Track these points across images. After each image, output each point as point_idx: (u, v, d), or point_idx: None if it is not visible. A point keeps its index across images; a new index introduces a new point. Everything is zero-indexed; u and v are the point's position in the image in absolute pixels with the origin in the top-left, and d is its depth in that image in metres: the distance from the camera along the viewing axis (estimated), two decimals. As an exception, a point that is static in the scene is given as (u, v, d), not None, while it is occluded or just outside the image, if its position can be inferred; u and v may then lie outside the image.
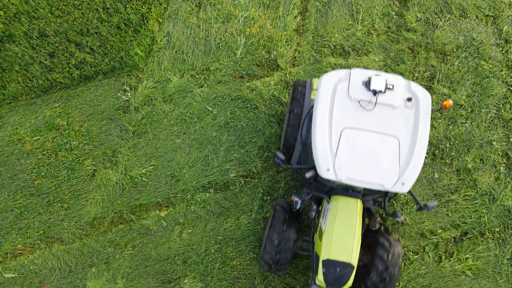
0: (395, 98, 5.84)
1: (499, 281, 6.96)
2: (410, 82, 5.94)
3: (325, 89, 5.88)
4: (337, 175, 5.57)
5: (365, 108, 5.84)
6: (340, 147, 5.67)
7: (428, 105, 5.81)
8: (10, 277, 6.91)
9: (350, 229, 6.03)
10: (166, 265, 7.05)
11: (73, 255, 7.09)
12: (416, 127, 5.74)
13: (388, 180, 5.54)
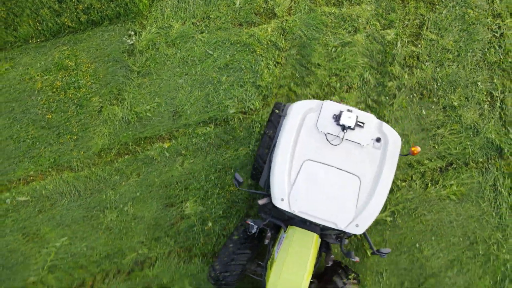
0: (363, 137, 6.11)
1: (482, 205, 8.13)
2: (382, 123, 6.28)
3: (293, 117, 6.21)
4: (290, 206, 5.84)
5: (331, 142, 6.07)
6: (299, 178, 5.91)
7: (397, 148, 6.13)
8: (23, 200, 8.07)
9: (301, 262, 6.19)
10: (169, 190, 8.20)
11: (82, 182, 8.24)
12: (380, 169, 5.96)
13: (343, 219, 5.81)
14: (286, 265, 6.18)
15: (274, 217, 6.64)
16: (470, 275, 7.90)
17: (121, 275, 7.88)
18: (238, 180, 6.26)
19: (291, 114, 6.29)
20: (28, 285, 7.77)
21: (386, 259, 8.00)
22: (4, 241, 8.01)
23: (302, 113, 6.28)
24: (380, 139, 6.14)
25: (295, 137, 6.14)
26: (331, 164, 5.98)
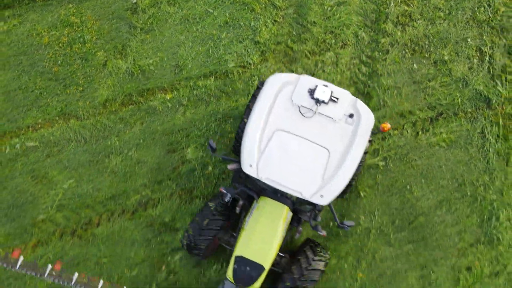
0: (337, 112, 6.41)
1: (470, 151, 8.83)
2: (357, 99, 6.60)
3: (269, 88, 6.57)
4: (258, 173, 6.13)
5: (304, 115, 6.38)
6: (269, 146, 6.21)
7: (369, 125, 6.43)
8: (32, 145, 8.75)
9: (270, 232, 6.58)
10: (171, 137, 8.90)
11: (88, 129, 8.94)
12: (350, 145, 6.23)
13: (308, 189, 6.06)
14: (254, 234, 6.57)
15: (247, 187, 6.96)
16: (458, 214, 8.57)
17: (126, 215, 8.53)
18: (211, 146, 6.53)
19: (268, 85, 6.60)
20: (37, 223, 8.42)
21: (379, 199, 8.67)
22: (14, 182, 8.66)
23: (278, 85, 6.56)
24: (353, 115, 6.39)
25: (269, 107, 6.42)
26: (302, 136, 6.22)
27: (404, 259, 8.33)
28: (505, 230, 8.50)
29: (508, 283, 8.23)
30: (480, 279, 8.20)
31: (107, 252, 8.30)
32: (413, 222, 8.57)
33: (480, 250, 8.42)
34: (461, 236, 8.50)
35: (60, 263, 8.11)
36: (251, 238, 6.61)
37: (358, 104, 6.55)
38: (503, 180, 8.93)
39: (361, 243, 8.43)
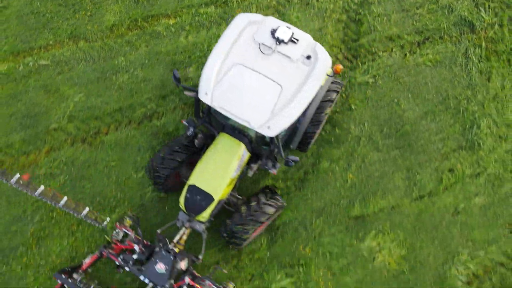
0: (295, 52, 6.62)
1: (454, 69, 9.57)
2: (317, 43, 6.81)
3: (235, 25, 6.85)
4: (212, 100, 6.41)
5: (264, 52, 6.61)
6: (226, 77, 6.48)
7: (325, 69, 6.65)
8: (44, 64, 9.48)
9: (223, 166, 6.99)
10: (174, 58, 9.64)
11: (96, 51, 9.65)
12: (303, 84, 6.44)
13: (256, 120, 6.31)
14: (208, 166, 7.01)
15: (209, 123, 7.44)
16: (442, 124, 9.27)
17: (132, 125, 9.23)
18: (175, 76, 6.75)
19: (234, 22, 6.87)
20: (50, 131, 9.11)
21: (368, 111, 9.37)
22: (28, 96, 9.35)
23: (244, 23, 6.82)
24: (311, 57, 6.60)
25: (232, 42, 6.67)
26: (259, 71, 6.47)
27: (391, 163, 9.02)
28: (485, 137, 9.19)
29: (488, 183, 8.93)
30: (462, 179, 8.90)
31: (115, 157, 8.99)
32: (400, 130, 9.27)
33: (462, 154, 9.12)
34: (445, 143, 9.20)
35: (28, 175, 8.72)
36: (204, 169, 7.01)
37: (317, 48, 6.74)
38: (485, 94, 9.63)
39: (352, 149, 9.12)
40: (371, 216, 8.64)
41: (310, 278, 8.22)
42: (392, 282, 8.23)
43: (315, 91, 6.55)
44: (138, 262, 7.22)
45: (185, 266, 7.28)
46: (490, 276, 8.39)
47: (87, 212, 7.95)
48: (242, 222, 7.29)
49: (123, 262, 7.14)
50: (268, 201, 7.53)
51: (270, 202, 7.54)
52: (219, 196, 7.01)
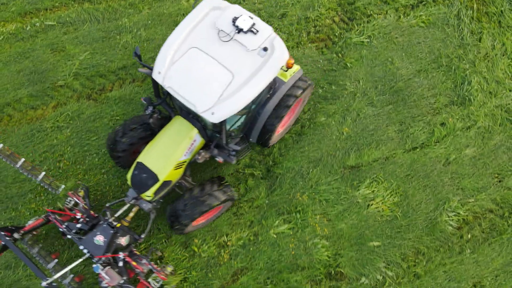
0: (252, 42, 6.53)
1: (447, 30, 9.91)
2: (277, 37, 6.68)
3: (199, 9, 6.82)
4: (164, 80, 6.41)
5: (221, 38, 6.55)
6: (181, 60, 6.44)
7: (280, 63, 6.54)
8: (50, 24, 9.83)
9: (172, 147, 7.03)
10: (176, 19, 10.14)
11: (100, 12, 10.02)
12: (255, 75, 6.37)
13: (202, 104, 6.26)
14: (158, 145, 7.08)
15: (166, 104, 7.50)
16: (434, 80, 9.63)
17: (136, 82, 9.58)
18: (136, 53, 6.75)
19: (199, 6, 6.85)
20: (56, 87, 9.47)
21: (363, 69, 9.72)
22: (35, 53, 9.71)
23: (209, 8, 6.79)
24: (267, 49, 6.50)
25: (193, 26, 6.67)
26: (213, 56, 6.43)
27: (385, 117, 9.39)
28: (476, 93, 9.56)
29: (478, 135, 9.30)
30: (453, 132, 9.27)
31: (120, 111, 9.34)
32: (394, 87, 9.63)
33: (453, 109, 9.49)
34: (437, 98, 9.57)
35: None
36: (154, 148, 7.09)
37: (275, 41, 6.63)
38: (476, 54, 9.99)
39: (347, 104, 9.49)
40: (366, 166, 9.00)
41: (307, 223, 8.58)
42: (385, 227, 8.60)
43: (265, 83, 6.44)
44: (82, 232, 7.39)
45: (126, 242, 7.38)
46: (479, 222, 8.76)
47: (42, 177, 7.69)
48: (182, 208, 7.35)
49: (66, 229, 7.31)
50: (214, 191, 7.52)
51: (216, 193, 7.51)
52: (164, 177, 7.03)
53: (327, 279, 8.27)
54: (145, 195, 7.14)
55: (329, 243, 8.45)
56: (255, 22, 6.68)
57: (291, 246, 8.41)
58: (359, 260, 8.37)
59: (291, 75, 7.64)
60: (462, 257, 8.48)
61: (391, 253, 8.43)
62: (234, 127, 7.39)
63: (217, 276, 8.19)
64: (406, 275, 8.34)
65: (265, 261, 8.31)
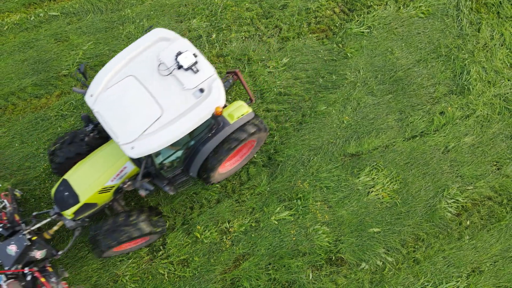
0: (190, 81, 6.29)
1: (446, 21, 9.97)
2: (217, 80, 6.38)
3: (147, 37, 6.63)
4: (94, 104, 6.24)
5: (160, 71, 6.35)
6: (115, 86, 6.30)
7: (212, 107, 6.25)
8: (54, 14, 9.86)
9: (100, 171, 6.85)
10: (178, 10, 10.05)
11: (104, 3, 10.12)
12: (185, 115, 6.13)
13: (124, 136, 6.04)
14: (86, 166, 6.96)
15: None
16: (434, 70, 9.69)
17: (139, 72, 9.61)
18: (80, 70, 6.60)
19: (149, 34, 6.66)
20: (60, 77, 9.54)
21: (363, 59, 9.78)
22: (39, 43, 9.76)
23: (156, 37, 6.59)
24: (203, 90, 6.27)
25: (136, 53, 6.49)
26: (148, 89, 6.25)
27: (385, 106, 9.45)
28: (475, 82, 9.62)
29: (477, 124, 9.36)
30: (452, 120, 9.34)
31: (123, 100, 9.39)
32: (393, 76, 9.69)
33: (452, 98, 9.55)
34: (436, 88, 9.63)
35: None
36: (82, 168, 6.95)
37: (215, 84, 6.35)
38: (475, 44, 10.04)
39: (348, 93, 9.55)
40: (366, 154, 9.06)
41: (308, 210, 8.65)
42: (385, 214, 8.66)
43: (193, 125, 6.19)
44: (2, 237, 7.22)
45: (41, 256, 7.07)
46: (478, 208, 8.83)
47: None
48: (102, 233, 7.12)
49: None
50: (140, 222, 7.27)
51: (141, 224, 7.25)
52: (85, 200, 6.87)
53: (327, 265, 8.34)
54: (65, 213, 6.96)
55: (329, 229, 8.51)
56: (198, 60, 6.41)
57: (292, 232, 8.48)
58: (359, 246, 8.44)
59: (239, 117, 7.19)
60: (461, 243, 8.55)
61: (391, 239, 8.49)
62: (168, 160, 7.03)
63: (219, 262, 8.26)
64: (406, 261, 8.40)
65: (267, 247, 8.38)
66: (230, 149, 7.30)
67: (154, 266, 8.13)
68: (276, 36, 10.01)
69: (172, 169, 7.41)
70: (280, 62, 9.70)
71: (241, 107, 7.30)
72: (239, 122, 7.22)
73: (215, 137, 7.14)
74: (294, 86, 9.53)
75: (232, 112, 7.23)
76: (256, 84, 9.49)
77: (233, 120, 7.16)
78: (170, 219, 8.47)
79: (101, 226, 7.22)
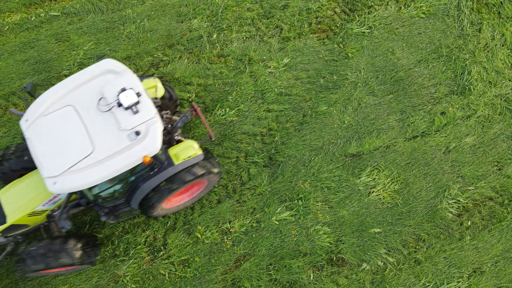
0: (128, 122, 5.97)
1: (447, 21, 9.93)
2: (157, 123, 6.04)
3: (97, 67, 6.35)
4: (27, 129, 5.98)
5: (99, 106, 6.08)
6: (52, 114, 6.03)
7: (143, 153, 5.94)
8: (54, 14, 9.84)
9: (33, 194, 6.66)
10: (179, 10, 9.99)
11: (104, 3, 10.09)
12: (115, 156, 5.86)
13: (49, 169, 5.76)
14: (21, 186, 6.74)
15: None
16: (435, 70, 9.64)
17: (139, 72, 9.62)
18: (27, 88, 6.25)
19: (97, 64, 6.42)
20: (61, 77, 9.49)
21: (364, 59, 9.73)
22: (40, 43, 9.72)
23: (104, 69, 6.35)
24: (139, 134, 5.95)
25: (81, 82, 6.26)
26: (84, 123, 5.99)
27: (385, 106, 9.40)
28: (476, 82, 9.57)
29: (478, 124, 9.31)
30: (453, 121, 9.29)
31: (124, 100, 9.34)
32: (394, 76, 9.64)
33: (453, 98, 9.50)
34: (437, 88, 9.58)
35: None
36: (16, 187, 6.72)
37: (153, 128, 6.00)
38: (476, 44, 9.99)
39: (348, 93, 9.50)
40: (367, 154, 9.01)
41: (309, 210, 8.60)
42: (386, 214, 8.61)
43: (120, 169, 5.87)
44: None
45: None
46: (479, 209, 8.78)
47: None
48: (32, 254, 6.77)
49: None
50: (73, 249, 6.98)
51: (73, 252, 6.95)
52: (12, 221, 6.65)
53: (328, 265, 8.29)
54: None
55: (330, 229, 8.47)
56: (140, 101, 6.06)
57: (293, 233, 8.44)
58: (360, 247, 8.39)
59: (185, 159, 6.85)
60: (462, 243, 8.50)
61: (392, 240, 8.45)
62: (106, 193, 6.74)
63: (220, 262, 8.21)
64: (407, 261, 8.35)
65: (268, 247, 8.33)
66: (172, 189, 7.03)
67: (155, 266, 8.08)
68: (277, 36, 9.96)
69: (112, 199, 7.10)
70: (281, 62, 9.66)
71: (190, 148, 6.93)
72: (185, 164, 6.87)
73: (156, 176, 6.80)
74: (295, 86, 9.48)
75: (179, 153, 6.89)
76: (257, 85, 9.44)
77: (178, 161, 6.82)
78: (170, 220, 8.42)
79: (32, 246, 6.84)
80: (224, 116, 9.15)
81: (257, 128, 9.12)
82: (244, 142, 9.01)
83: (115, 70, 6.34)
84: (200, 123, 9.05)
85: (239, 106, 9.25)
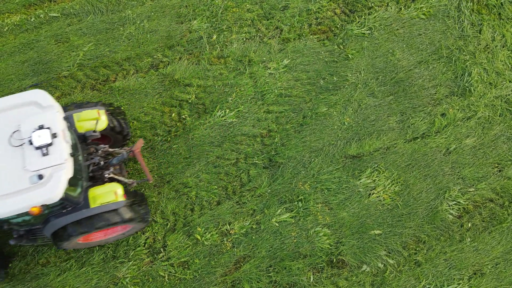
0: (34, 163, 5.63)
1: (447, 22, 9.88)
2: (64, 171, 5.68)
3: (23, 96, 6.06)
4: None
5: (12, 139, 5.77)
6: None
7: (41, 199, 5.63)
8: (54, 15, 9.76)
9: None
10: (179, 11, 9.91)
11: (104, 4, 10.01)
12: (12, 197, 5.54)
13: None
14: None
15: None
16: (435, 71, 9.58)
17: (139, 73, 9.53)
18: None
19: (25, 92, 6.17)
20: (61, 78, 9.43)
21: (364, 61, 9.67)
22: (40, 44, 9.66)
23: (28, 99, 6.04)
24: (42, 178, 5.59)
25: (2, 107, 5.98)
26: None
27: (386, 107, 9.34)
28: (476, 83, 9.51)
29: (478, 125, 9.26)
30: (453, 122, 9.23)
31: (124, 102, 9.29)
32: (395, 78, 9.58)
33: (454, 100, 9.44)
34: (437, 89, 9.52)
35: None
36: None
37: (57, 175, 5.63)
38: (476, 45, 9.93)
39: (349, 95, 9.44)
40: (367, 155, 8.96)
41: (309, 212, 8.54)
42: (386, 216, 8.56)
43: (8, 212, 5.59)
44: None
45: None
46: (479, 210, 8.72)
47: None
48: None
49: None
50: None
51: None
52: None
53: (328, 267, 8.23)
54: None
55: (330, 231, 8.41)
56: (54, 143, 5.69)
57: (293, 235, 8.38)
58: (361, 248, 8.33)
59: (102, 203, 6.52)
60: (463, 245, 8.44)
61: (392, 241, 8.39)
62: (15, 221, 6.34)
63: (220, 264, 8.15)
64: (407, 263, 8.30)
65: (267, 249, 8.27)
66: (81, 232, 6.68)
67: (155, 268, 8.02)
68: (277, 37, 9.90)
69: (27, 225, 6.69)
70: (281, 64, 9.59)
71: (110, 193, 6.61)
72: (101, 208, 6.53)
73: (68, 215, 6.46)
74: (295, 88, 9.42)
75: (99, 196, 6.58)
76: (256, 86, 9.39)
77: (94, 204, 6.50)
78: (170, 221, 8.36)
79: None
80: (223, 117, 9.09)
81: (257, 129, 9.06)
82: (244, 144, 8.95)
83: (41, 104, 6.00)
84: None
85: (239, 108, 9.19)
